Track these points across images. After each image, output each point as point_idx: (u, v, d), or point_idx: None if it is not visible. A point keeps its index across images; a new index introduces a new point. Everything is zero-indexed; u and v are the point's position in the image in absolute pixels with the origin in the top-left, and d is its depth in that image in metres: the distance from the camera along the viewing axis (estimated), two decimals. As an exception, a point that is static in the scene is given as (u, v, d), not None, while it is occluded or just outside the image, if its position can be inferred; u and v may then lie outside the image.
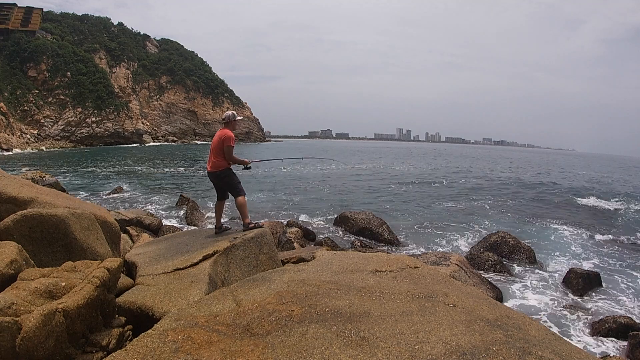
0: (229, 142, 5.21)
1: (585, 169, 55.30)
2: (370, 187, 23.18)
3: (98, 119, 72.65)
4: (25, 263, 3.17)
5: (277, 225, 11.13)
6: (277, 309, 2.87)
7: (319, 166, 37.80)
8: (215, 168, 5.33)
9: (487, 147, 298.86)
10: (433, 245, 11.17)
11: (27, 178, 12.84)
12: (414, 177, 28.97)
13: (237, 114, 5.53)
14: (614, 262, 10.15)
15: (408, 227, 13.12)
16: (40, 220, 3.82)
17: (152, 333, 2.52)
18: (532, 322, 2.91)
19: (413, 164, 46.91)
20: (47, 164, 32.66)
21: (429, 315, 2.79)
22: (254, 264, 4.65)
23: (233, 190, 5.44)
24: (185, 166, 34.24)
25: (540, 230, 13.36)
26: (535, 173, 38.86)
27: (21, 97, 64.17)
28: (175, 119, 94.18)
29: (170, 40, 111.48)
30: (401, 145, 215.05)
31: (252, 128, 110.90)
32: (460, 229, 12.95)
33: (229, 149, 5.22)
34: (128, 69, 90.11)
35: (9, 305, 2.43)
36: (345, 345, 2.37)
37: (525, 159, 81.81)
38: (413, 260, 4.37)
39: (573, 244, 11.66)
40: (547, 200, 19.63)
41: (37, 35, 72.92)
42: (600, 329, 6.30)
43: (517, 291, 8.03)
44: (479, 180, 28.07)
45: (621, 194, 23.79)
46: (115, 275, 3.17)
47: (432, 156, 72.15)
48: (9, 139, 50.43)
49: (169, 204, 15.64)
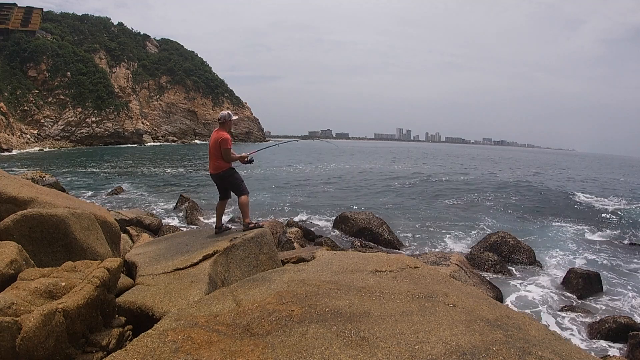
0: (226, 144, 5.18)
1: (586, 169, 55.30)
2: (370, 187, 23.18)
3: (98, 119, 72.61)
4: (25, 263, 3.17)
5: (277, 225, 11.14)
6: (277, 309, 2.87)
7: (319, 166, 37.81)
8: (218, 170, 5.32)
9: (487, 147, 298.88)
10: (433, 245, 11.17)
11: (27, 178, 12.84)
12: (414, 177, 28.96)
13: (232, 113, 5.48)
14: (614, 262, 10.15)
15: (408, 227, 13.11)
16: (40, 220, 3.82)
17: (152, 333, 2.52)
18: (532, 322, 2.91)
19: (412, 163, 46.91)
20: (47, 164, 32.65)
21: (429, 315, 2.79)
22: (254, 264, 4.65)
23: (237, 189, 5.43)
24: (185, 166, 34.24)
25: (540, 230, 13.35)
26: (536, 173, 38.85)
27: (21, 97, 64.14)
28: (175, 119, 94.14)
29: (170, 40, 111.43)
30: (401, 145, 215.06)
31: (252, 128, 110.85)
32: (460, 229, 12.95)
33: (226, 151, 5.20)
34: (128, 69, 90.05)
35: (9, 305, 2.43)
36: (345, 345, 2.37)
37: (525, 158, 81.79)
38: (413, 260, 4.37)
39: (573, 244, 11.66)
40: (547, 200, 19.62)
41: (37, 35, 72.88)
42: (600, 329, 6.30)
43: (517, 291, 8.03)
44: (479, 180, 28.07)
45: (621, 194, 23.80)
46: (115, 275, 3.17)
47: (432, 156, 72.17)
48: (9, 139, 50.43)
49: (169, 204, 15.64)
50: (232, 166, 5.41)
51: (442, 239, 11.76)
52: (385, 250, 10.16)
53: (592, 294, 7.97)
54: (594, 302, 7.70)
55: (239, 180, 5.41)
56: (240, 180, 5.44)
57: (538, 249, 10.50)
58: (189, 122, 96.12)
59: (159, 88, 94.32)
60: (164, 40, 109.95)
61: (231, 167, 5.37)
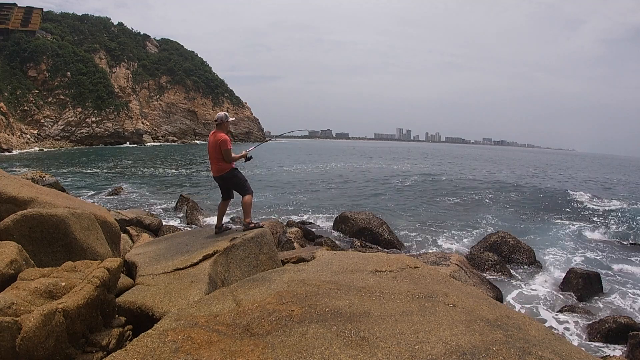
0: (226, 145, 5.17)
1: (586, 169, 55.28)
2: (370, 187, 23.19)
3: (98, 119, 72.59)
4: (25, 263, 3.17)
5: (277, 225, 11.14)
6: (277, 309, 2.87)
7: (320, 166, 37.80)
8: (220, 172, 5.31)
9: (487, 147, 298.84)
10: (433, 245, 11.17)
11: (27, 178, 12.84)
12: (414, 177, 28.96)
13: (229, 114, 5.44)
14: (614, 262, 10.15)
15: (408, 227, 13.12)
16: (40, 220, 3.82)
17: (152, 333, 2.52)
18: (532, 322, 2.91)
19: (412, 164, 46.90)
20: (47, 164, 32.65)
21: (429, 315, 2.79)
22: (254, 264, 4.64)
23: (241, 188, 5.43)
24: (185, 166, 34.24)
25: (540, 230, 13.36)
26: (535, 173, 38.85)
27: (21, 97, 64.12)
28: (175, 119, 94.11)
29: (170, 40, 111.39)
30: (401, 145, 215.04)
31: (252, 128, 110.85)
32: (460, 229, 12.95)
33: (227, 152, 5.19)
34: (128, 69, 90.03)
35: (9, 305, 2.43)
36: (345, 345, 2.37)
37: (525, 158, 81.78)
38: (413, 260, 4.36)
39: (573, 244, 11.66)
40: (547, 200, 19.63)
41: (37, 35, 72.86)
42: (600, 329, 6.30)
43: (517, 291, 8.04)
44: (479, 180, 28.06)
45: (621, 194, 23.80)
46: (115, 275, 3.17)
47: (431, 156, 72.13)
48: (9, 139, 50.41)
49: (169, 204, 15.65)
50: (235, 166, 5.41)
51: (442, 239, 11.76)
52: (385, 251, 10.17)
53: (592, 294, 7.97)
54: (594, 302, 7.70)
55: (242, 180, 5.41)
56: (244, 180, 5.43)
57: (538, 249, 10.50)
58: (189, 122, 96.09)
59: (159, 88, 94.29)
60: (164, 40, 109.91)
61: (234, 168, 5.37)
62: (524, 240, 10.69)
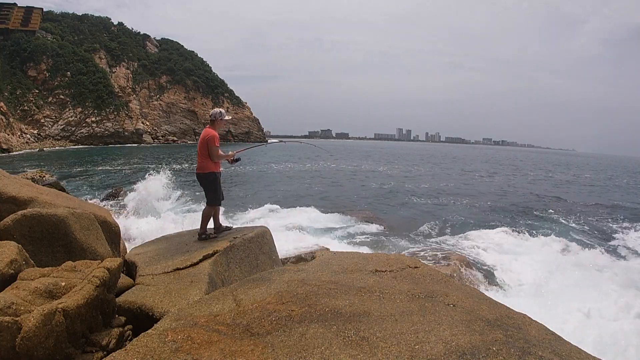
0: (213, 142, 5.05)
1: (586, 169, 55.26)
2: (370, 187, 23.18)
3: (98, 118, 72.57)
4: (25, 263, 3.17)
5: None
6: (277, 308, 2.87)
7: (319, 165, 37.78)
8: (201, 170, 5.20)
9: (488, 147, 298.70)
10: (433, 245, 11.17)
11: (27, 178, 12.82)
12: (414, 177, 28.94)
13: (224, 112, 5.29)
14: (614, 263, 10.14)
15: (408, 227, 13.11)
16: (40, 220, 3.82)
17: (152, 333, 2.52)
18: (532, 322, 2.91)
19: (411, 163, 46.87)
20: (47, 164, 32.63)
21: (429, 315, 2.79)
22: (254, 263, 4.65)
23: (210, 195, 5.27)
24: (185, 166, 34.22)
25: (541, 231, 13.35)
26: (535, 173, 38.83)
27: (21, 97, 64.13)
28: (175, 119, 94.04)
29: (170, 40, 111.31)
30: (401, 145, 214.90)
31: (252, 128, 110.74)
32: (460, 229, 12.94)
33: (213, 149, 5.07)
34: (128, 68, 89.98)
35: (9, 305, 2.43)
36: (345, 345, 2.37)
37: (525, 159, 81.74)
38: (413, 260, 4.36)
39: (573, 244, 11.65)
40: (547, 200, 19.63)
41: (37, 35, 72.86)
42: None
43: (517, 291, 8.02)
44: (479, 180, 28.05)
45: (621, 193, 23.79)
46: (115, 275, 3.17)
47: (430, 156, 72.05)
48: (9, 139, 50.40)
49: (169, 203, 15.62)
50: (217, 172, 5.25)
51: (443, 239, 11.75)
52: (385, 250, 10.16)
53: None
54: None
55: (215, 187, 5.23)
56: (217, 189, 5.24)
57: (538, 249, 10.49)
58: (189, 122, 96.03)
59: (159, 88, 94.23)
60: (164, 40, 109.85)
61: (214, 172, 5.20)
62: (523, 239, 10.69)
